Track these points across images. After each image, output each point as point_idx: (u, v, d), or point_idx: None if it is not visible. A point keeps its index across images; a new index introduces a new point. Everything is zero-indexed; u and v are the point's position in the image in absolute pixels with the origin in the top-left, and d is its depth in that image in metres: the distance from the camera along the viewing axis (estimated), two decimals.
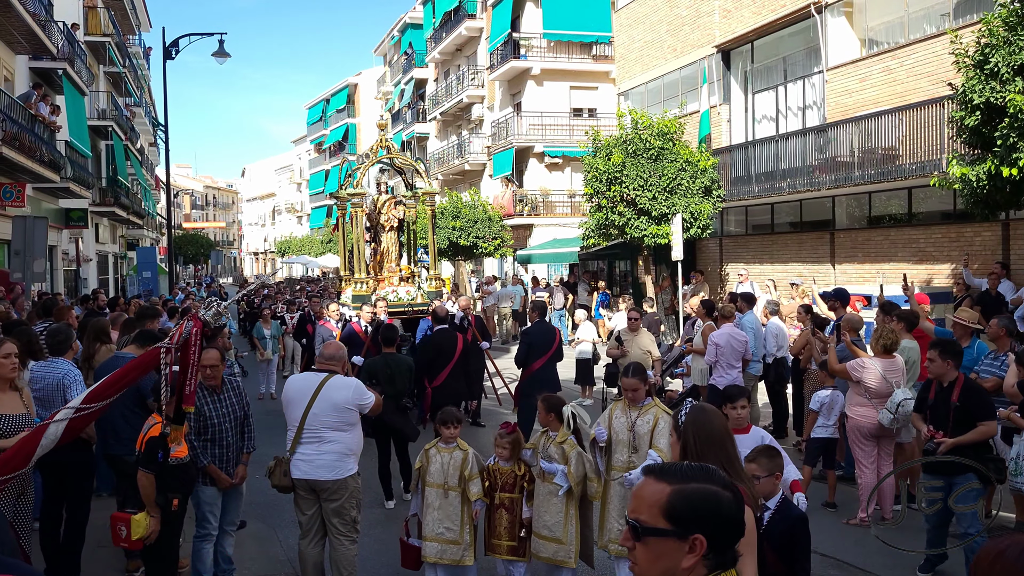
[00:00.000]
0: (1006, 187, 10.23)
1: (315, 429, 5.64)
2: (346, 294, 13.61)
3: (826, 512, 7.79)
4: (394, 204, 14.05)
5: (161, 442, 5.08)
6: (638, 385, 5.75)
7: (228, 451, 5.92)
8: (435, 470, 5.83)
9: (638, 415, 5.74)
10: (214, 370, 5.84)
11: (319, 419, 5.64)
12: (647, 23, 25.02)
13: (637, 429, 5.70)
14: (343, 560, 5.76)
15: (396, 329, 8.64)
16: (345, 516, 5.73)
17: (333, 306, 13.00)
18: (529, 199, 30.46)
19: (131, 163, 32.75)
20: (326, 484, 5.67)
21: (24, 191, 17.80)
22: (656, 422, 5.68)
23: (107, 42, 28.81)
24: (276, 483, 5.83)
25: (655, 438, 5.62)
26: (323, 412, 5.64)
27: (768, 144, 19.09)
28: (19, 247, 13.86)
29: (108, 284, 31.90)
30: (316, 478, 5.66)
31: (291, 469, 5.70)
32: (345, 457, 5.73)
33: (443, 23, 38.50)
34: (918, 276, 15.59)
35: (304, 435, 5.66)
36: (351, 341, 11.19)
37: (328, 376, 5.77)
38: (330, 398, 5.66)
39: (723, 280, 21.66)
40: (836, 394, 8.07)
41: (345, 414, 5.70)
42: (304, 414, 5.66)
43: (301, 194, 76.55)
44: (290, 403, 5.78)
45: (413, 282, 13.78)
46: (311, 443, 5.65)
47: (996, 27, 10.21)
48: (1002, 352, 7.11)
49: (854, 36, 17.99)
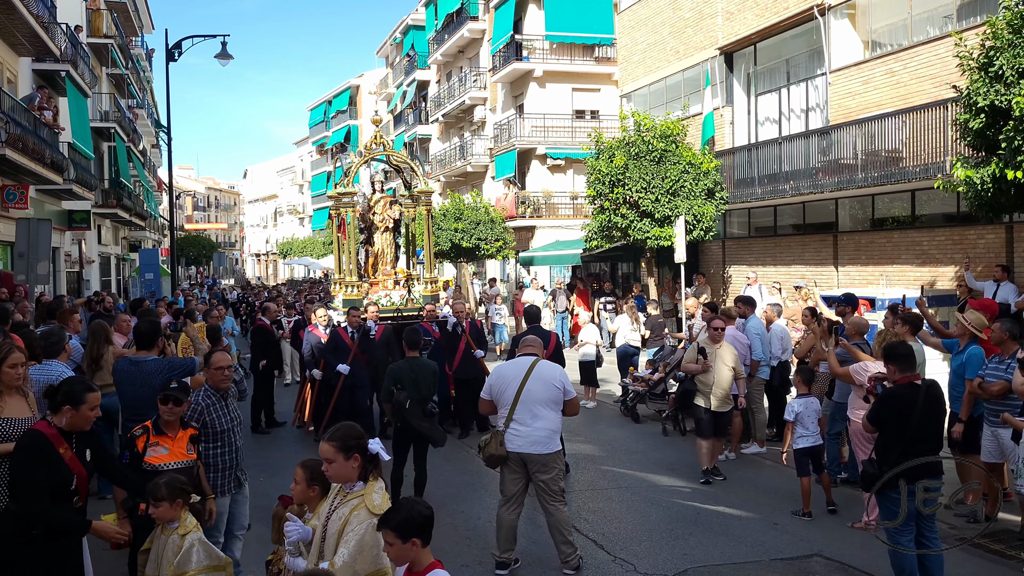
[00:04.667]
0: (1010, 190, 10.22)
1: (528, 406, 6.27)
2: (338, 298, 13.06)
3: (831, 516, 7.78)
4: (389, 204, 13.44)
5: (129, 443, 5.18)
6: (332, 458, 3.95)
7: (238, 456, 5.91)
8: (152, 557, 4.64)
9: (335, 506, 3.99)
10: (222, 372, 5.81)
11: (533, 396, 6.28)
12: (650, 25, 25.01)
13: (329, 527, 3.94)
14: (561, 522, 6.36)
15: (419, 332, 8.38)
16: (554, 486, 6.35)
17: (321, 311, 12.16)
18: (531, 201, 30.45)
19: (134, 165, 32.77)
20: (539, 458, 6.28)
21: (27, 193, 17.80)
22: (347, 520, 3.86)
23: (110, 44, 28.84)
24: (491, 452, 6.32)
25: (341, 542, 3.82)
26: (536, 390, 6.29)
27: (771, 146, 19.06)
28: (23, 249, 13.84)
29: (111, 286, 31.90)
30: (530, 452, 6.27)
31: (506, 442, 6.29)
32: (554, 434, 6.38)
33: (445, 25, 38.50)
34: (921, 279, 15.57)
35: (518, 412, 6.29)
36: (337, 348, 10.87)
37: (536, 359, 6.45)
38: (541, 376, 6.34)
39: (726, 283, 21.64)
40: (810, 400, 8.06)
41: (554, 392, 6.34)
42: (518, 392, 6.29)
43: (303, 196, 76.57)
44: (503, 384, 6.39)
45: (408, 286, 13.21)
46: (525, 419, 6.28)
47: (1000, 29, 10.19)
48: (1007, 356, 7.09)
49: (857, 38, 17.98)
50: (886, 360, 5.92)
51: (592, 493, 8.80)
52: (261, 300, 22.95)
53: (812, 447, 7.93)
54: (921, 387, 5.68)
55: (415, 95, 44.87)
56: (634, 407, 12.47)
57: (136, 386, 6.21)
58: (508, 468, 6.40)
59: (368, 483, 4.00)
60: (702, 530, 7.47)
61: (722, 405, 8.98)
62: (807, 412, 7.97)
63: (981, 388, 7.17)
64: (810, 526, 7.53)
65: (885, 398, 5.84)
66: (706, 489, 8.72)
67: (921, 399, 5.60)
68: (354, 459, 3.96)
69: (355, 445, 3.98)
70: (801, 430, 7.95)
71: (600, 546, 7.06)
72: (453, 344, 11.57)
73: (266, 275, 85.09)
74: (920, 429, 5.58)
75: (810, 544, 7.05)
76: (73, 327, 8.82)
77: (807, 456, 7.93)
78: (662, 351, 13.40)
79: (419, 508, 3.54)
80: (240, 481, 5.99)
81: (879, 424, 5.78)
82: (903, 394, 5.68)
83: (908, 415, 5.58)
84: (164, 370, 6.24)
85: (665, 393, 12.24)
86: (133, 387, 6.24)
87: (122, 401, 6.55)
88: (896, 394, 5.75)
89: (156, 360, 6.46)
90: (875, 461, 5.75)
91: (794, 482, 8.02)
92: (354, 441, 3.98)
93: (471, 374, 11.49)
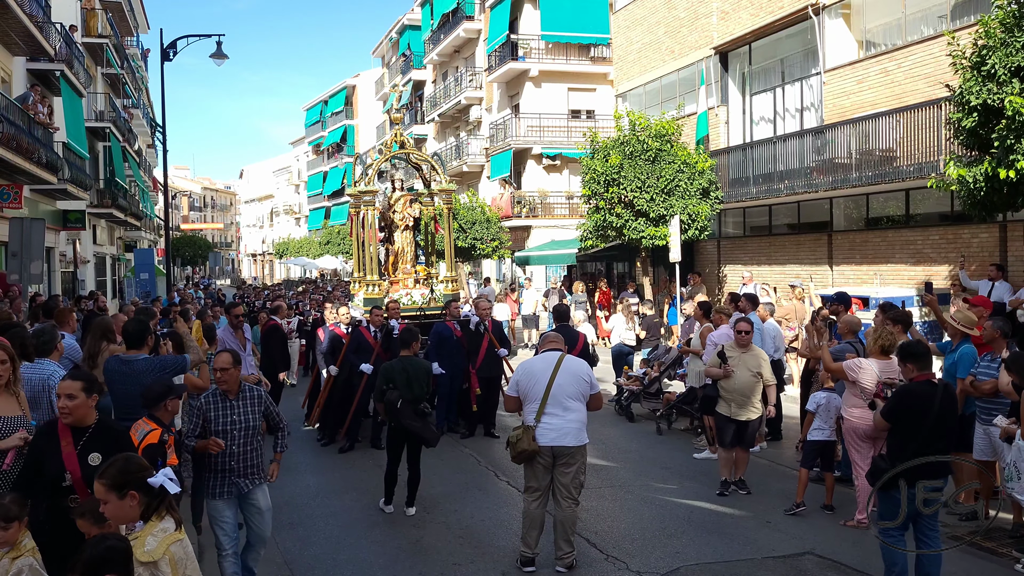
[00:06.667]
0: (1003, 189, 10.24)
1: (559, 399, 6.34)
2: (358, 297, 12.94)
3: (824, 514, 7.79)
4: (409, 202, 13.26)
5: (160, 450, 5.01)
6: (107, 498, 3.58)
7: (232, 460, 5.67)
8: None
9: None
10: (225, 373, 5.71)
11: (563, 389, 6.36)
12: (645, 25, 25.03)
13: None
14: (569, 520, 6.42)
15: (414, 331, 8.31)
16: (576, 480, 6.43)
17: (343, 309, 11.88)
18: (527, 200, 30.46)
19: (129, 165, 32.71)
20: (569, 450, 6.34)
21: (21, 193, 17.75)
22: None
23: (105, 44, 28.76)
24: (523, 448, 6.32)
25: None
26: (566, 383, 6.38)
27: (766, 146, 19.09)
28: (16, 249, 13.82)
29: (106, 286, 31.84)
30: (562, 444, 6.32)
31: (537, 436, 6.31)
32: (584, 426, 6.47)
33: (441, 25, 38.49)
34: (915, 278, 15.59)
35: (549, 406, 6.34)
36: (360, 347, 10.77)
37: (562, 355, 6.54)
38: (570, 370, 6.44)
39: (721, 282, 21.66)
40: (832, 396, 8.06)
41: (583, 386, 6.44)
42: (548, 386, 6.35)
43: (299, 196, 76.49)
44: (531, 379, 6.44)
45: (428, 284, 13.03)
46: (556, 412, 6.34)
47: (993, 29, 10.21)
48: (998, 354, 7.11)
49: (852, 38, 18.01)
50: (903, 359, 5.92)
51: (585, 491, 8.69)
52: (263, 300, 22.93)
53: (824, 442, 7.97)
54: (939, 386, 5.70)
55: (411, 95, 44.83)
56: (628, 406, 12.48)
57: (127, 385, 6.19)
58: (537, 462, 6.41)
59: (149, 523, 3.51)
60: (695, 528, 7.47)
61: (744, 413, 8.36)
62: (828, 407, 7.99)
63: (973, 386, 7.19)
64: (803, 524, 7.54)
65: (903, 394, 5.83)
66: (699, 488, 8.72)
67: (939, 397, 5.62)
68: (130, 497, 3.49)
69: (132, 481, 3.51)
70: (819, 423, 7.99)
71: (592, 544, 7.06)
72: (476, 343, 11.49)
73: (262, 275, 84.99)
74: (935, 428, 5.59)
75: (803, 542, 7.06)
76: (70, 326, 8.80)
77: (817, 450, 7.96)
78: (656, 351, 13.40)
79: (105, 545, 3.14)
80: (241, 488, 5.74)
81: (894, 420, 5.78)
82: (922, 391, 5.68)
83: (925, 412, 5.59)
84: (155, 369, 6.22)
85: (659, 392, 12.26)
86: (124, 386, 6.21)
87: (113, 400, 6.52)
88: (914, 391, 5.75)
89: (147, 359, 6.44)
90: (886, 457, 5.77)
91: (787, 480, 8.04)
92: (130, 476, 3.52)
93: (494, 372, 11.54)
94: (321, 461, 10.25)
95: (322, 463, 10.15)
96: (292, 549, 7.06)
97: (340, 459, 10.34)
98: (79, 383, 4.60)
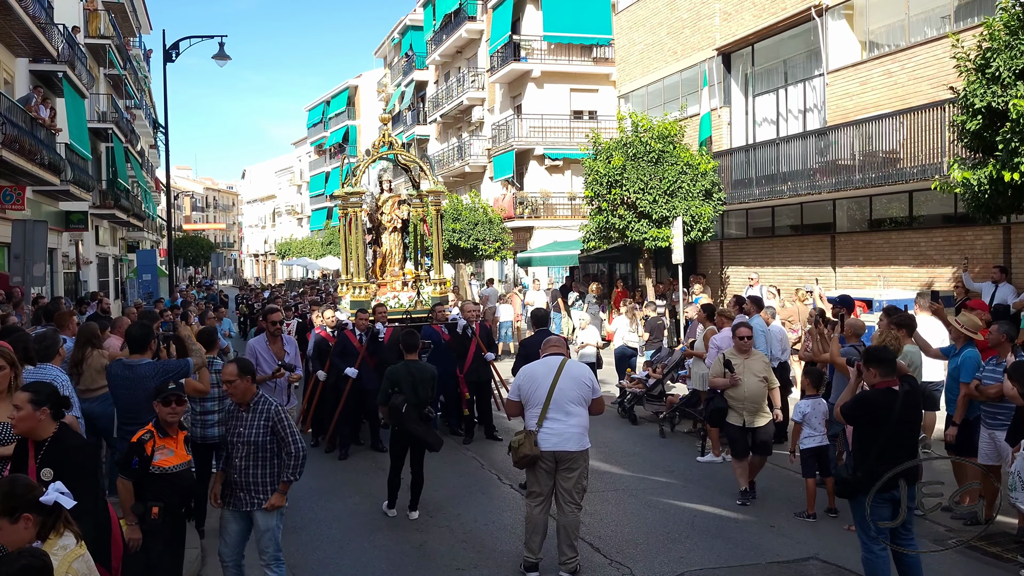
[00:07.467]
0: (1007, 191, 10.21)
1: (561, 404, 6.32)
2: (345, 299, 12.77)
3: (828, 518, 7.76)
4: (398, 204, 13.20)
5: (138, 448, 5.06)
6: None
7: (235, 473, 5.54)
8: None
9: None
10: (230, 386, 5.58)
11: (565, 394, 6.34)
12: (647, 26, 25.01)
13: None
14: (571, 525, 6.40)
15: (417, 335, 8.26)
16: (579, 485, 6.42)
17: (329, 312, 11.74)
18: (529, 201, 30.45)
19: (131, 165, 32.72)
20: (571, 455, 6.32)
21: (24, 194, 17.76)
22: None
23: (107, 45, 28.80)
24: (525, 453, 6.29)
25: None
26: (568, 387, 6.36)
27: (769, 147, 19.06)
28: (19, 251, 13.82)
29: (108, 287, 31.86)
30: (565, 449, 6.29)
31: (539, 441, 6.29)
32: (586, 431, 6.44)
33: (443, 25, 38.49)
34: (919, 280, 15.57)
35: (551, 410, 6.32)
36: (345, 351, 10.69)
37: (564, 359, 6.54)
38: (571, 374, 6.43)
39: (723, 283, 21.63)
40: (818, 401, 8.04)
41: (585, 390, 6.43)
42: (550, 391, 6.33)
43: (301, 196, 76.55)
44: (533, 384, 6.42)
45: (416, 287, 12.90)
46: (558, 417, 6.31)
47: (997, 31, 10.18)
48: (1004, 358, 7.08)
49: (855, 39, 17.98)
50: (867, 363, 5.83)
51: (588, 495, 8.68)
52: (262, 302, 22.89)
53: (818, 447, 7.94)
54: (899, 393, 5.63)
55: (413, 96, 44.85)
56: (631, 409, 12.46)
57: (131, 390, 6.18)
58: (540, 468, 6.39)
59: (47, 541, 3.40)
60: (699, 533, 7.45)
61: (757, 419, 8.29)
62: (814, 413, 7.96)
63: (978, 390, 7.17)
64: (807, 528, 7.52)
65: (861, 400, 5.81)
66: (703, 492, 8.70)
67: (898, 405, 5.56)
68: (24, 520, 3.35)
69: (22, 503, 3.37)
70: (808, 430, 7.95)
71: (596, 549, 7.04)
72: (463, 346, 11.35)
73: (264, 275, 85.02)
74: (895, 435, 5.56)
75: (807, 547, 7.04)
76: (71, 330, 8.79)
77: (813, 456, 7.93)
78: (659, 353, 13.38)
79: (20, 564, 3.05)
80: (243, 503, 5.54)
81: (852, 422, 5.79)
82: (878, 400, 5.64)
83: (883, 420, 5.54)
84: (158, 373, 6.20)
85: (663, 395, 12.24)
86: (128, 391, 6.21)
87: (117, 405, 6.51)
88: (871, 399, 5.71)
89: (150, 363, 6.44)
90: (849, 466, 5.75)
91: (791, 484, 8.02)
92: (19, 500, 3.37)
93: (482, 376, 11.42)
94: (322, 464, 10.23)
95: (323, 466, 10.13)
96: (295, 553, 7.03)
97: (341, 462, 10.33)
98: (26, 395, 4.46)
